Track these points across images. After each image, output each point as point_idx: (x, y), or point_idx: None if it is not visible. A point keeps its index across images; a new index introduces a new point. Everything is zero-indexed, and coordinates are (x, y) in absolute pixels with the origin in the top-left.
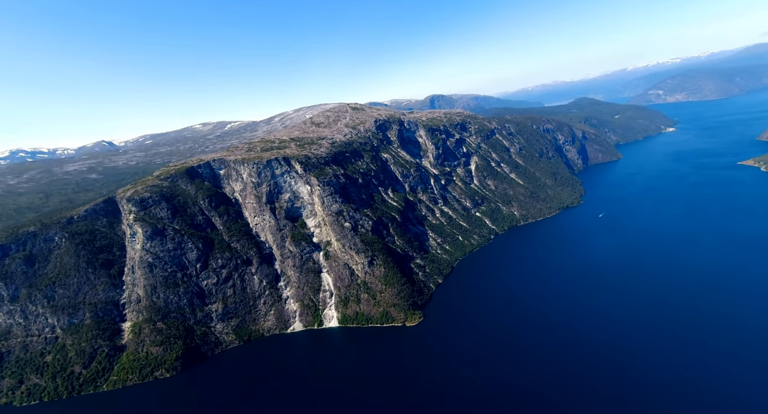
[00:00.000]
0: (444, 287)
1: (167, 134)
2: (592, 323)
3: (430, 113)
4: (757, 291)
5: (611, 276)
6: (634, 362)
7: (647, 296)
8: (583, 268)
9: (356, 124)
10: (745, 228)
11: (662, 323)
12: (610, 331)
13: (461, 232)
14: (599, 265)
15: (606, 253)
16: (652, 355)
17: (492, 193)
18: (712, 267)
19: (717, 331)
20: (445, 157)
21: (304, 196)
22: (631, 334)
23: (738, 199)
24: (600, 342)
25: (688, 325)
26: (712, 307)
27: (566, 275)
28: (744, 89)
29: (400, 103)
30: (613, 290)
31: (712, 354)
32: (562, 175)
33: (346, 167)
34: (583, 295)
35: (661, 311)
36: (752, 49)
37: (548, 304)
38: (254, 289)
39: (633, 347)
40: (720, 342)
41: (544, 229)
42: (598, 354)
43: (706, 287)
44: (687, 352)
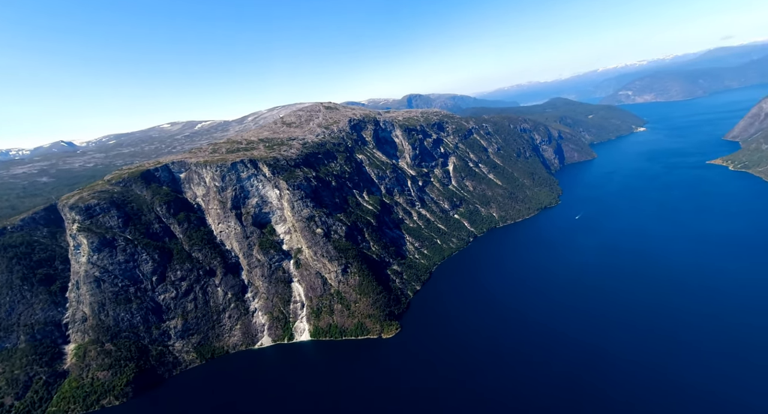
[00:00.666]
0: (422, 294)
1: (132, 134)
2: (575, 327)
3: (406, 112)
4: (731, 289)
5: (591, 277)
6: (616, 362)
7: (626, 296)
8: (563, 270)
9: (330, 123)
10: (717, 227)
11: (640, 322)
12: (592, 333)
13: (439, 235)
14: (579, 267)
15: (585, 254)
16: (632, 353)
17: (470, 195)
18: (686, 266)
19: (693, 328)
20: (423, 157)
21: (272, 201)
22: (612, 334)
23: (709, 198)
24: (583, 345)
25: (664, 323)
26: (687, 305)
27: (546, 278)
28: (707, 91)
29: (377, 102)
30: (593, 291)
31: (689, 351)
32: (540, 175)
33: (319, 169)
34: (565, 298)
35: (638, 311)
36: (713, 52)
37: (529, 309)
38: (218, 302)
39: (614, 347)
40: (696, 338)
41: (523, 230)
42: (582, 357)
43: (681, 285)
44: (664, 350)
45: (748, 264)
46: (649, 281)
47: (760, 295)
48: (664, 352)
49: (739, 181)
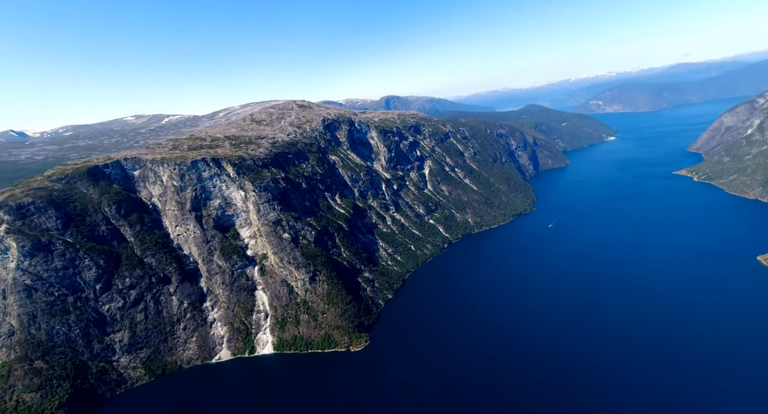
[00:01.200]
0: (394, 303)
1: (92, 126)
2: (552, 336)
3: (383, 114)
4: (699, 297)
5: (566, 286)
6: (596, 371)
7: (600, 305)
8: (539, 278)
9: (302, 122)
10: (685, 238)
11: (614, 330)
12: (569, 341)
13: (414, 241)
14: (553, 275)
15: (559, 262)
16: (612, 364)
17: (446, 199)
18: (657, 275)
19: (663, 334)
20: (398, 160)
21: (237, 203)
22: (588, 342)
23: (677, 209)
24: (561, 354)
25: (636, 329)
26: (657, 312)
27: (522, 286)
28: (671, 103)
29: (354, 102)
30: (568, 299)
31: (660, 355)
32: (515, 181)
33: (288, 170)
34: (541, 307)
35: (612, 319)
36: (675, 67)
37: (505, 318)
38: (172, 313)
39: (593, 356)
40: (667, 344)
41: (498, 237)
42: (559, 367)
43: (651, 293)
44: (636, 356)
45: (714, 273)
46: (621, 290)
47: (726, 303)
48: (637, 357)
49: (704, 192)
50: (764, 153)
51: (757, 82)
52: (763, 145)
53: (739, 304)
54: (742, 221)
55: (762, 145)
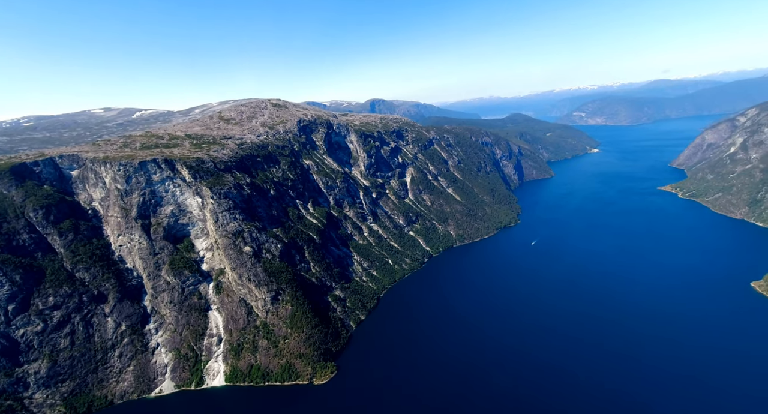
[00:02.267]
0: (366, 326)
1: (55, 117)
2: (536, 367)
3: (364, 117)
4: (688, 318)
5: (551, 312)
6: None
7: (588, 329)
8: (522, 299)
9: (275, 123)
10: (674, 261)
11: (602, 350)
12: (553, 374)
13: (392, 254)
14: (538, 298)
15: (543, 284)
16: (603, 384)
17: (428, 210)
18: (646, 303)
19: (650, 352)
20: (378, 166)
21: (192, 211)
22: (574, 364)
23: (664, 228)
24: (546, 389)
25: (624, 361)
26: (645, 345)
27: (505, 308)
28: (651, 118)
29: (340, 104)
30: (554, 329)
31: (645, 373)
32: (500, 191)
33: (256, 175)
34: (525, 334)
35: (600, 339)
36: (654, 83)
37: (487, 346)
38: (106, 337)
39: (582, 379)
40: (653, 361)
41: (481, 251)
42: (546, 400)
43: (642, 324)
44: (624, 374)
45: (707, 300)
46: (611, 319)
47: (722, 333)
48: (624, 375)
49: (690, 211)
50: (748, 172)
51: (731, 101)
52: (746, 163)
53: (736, 336)
54: (732, 243)
55: (746, 163)
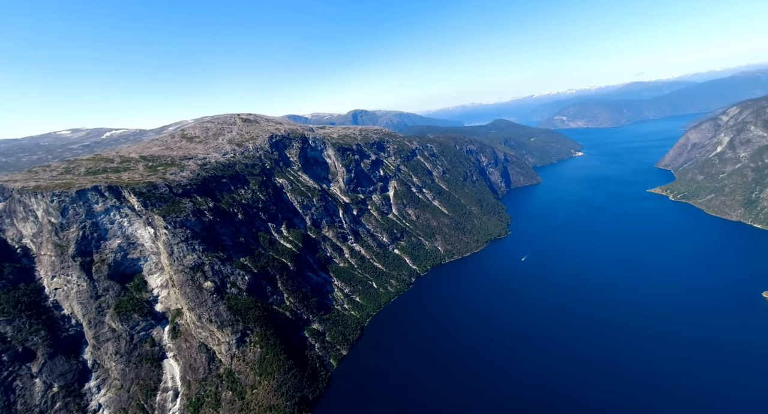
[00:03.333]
0: (349, 362)
1: (16, 141)
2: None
3: (343, 129)
4: (708, 347)
5: (553, 339)
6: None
7: (592, 362)
8: (520, 324)
9: (244, 140)
10: (678, 272)
11: (610, 384)
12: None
13: (376, 276)
14: (539, 323)
15: (542, 304)
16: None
17: (413, 225)
18: (653, 319)
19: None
20: (359, 181)
21: (144, 243)
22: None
23: (663, 235)
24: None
25: (633, 383)
26: (657, 368)
27: (501, 335)
28: (630, 120)
29: (321, 116)
30: (556, 358)
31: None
32: (488, 201)
33: (221, 198)
34: (524, 363)
35: (606, 372)
36: (630, 86)
37: (485, 376)
38: (32, 403)
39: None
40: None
41: (471, 268)
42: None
43: (650, 344)
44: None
45: (720, 314)
46: (615, 334)
47: (740, 352)
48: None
49: (686, 215)
50: (739, 171)
51: (704, 101)
52: (736, 163)
53: (757, 355)
54: (735, 249)
55: (735, 163)
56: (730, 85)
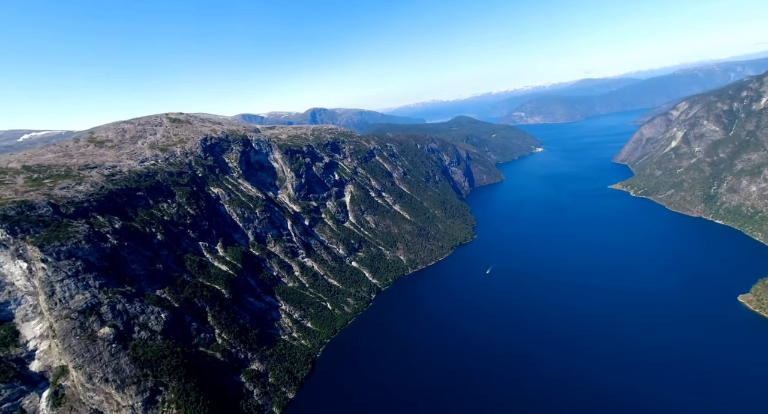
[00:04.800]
0: (297, 408)
1: None
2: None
3: (294, 129)
4: (687, 357)
5: (525, 366)
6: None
7: (567, 374)
8: (496, 346)
9: (171, 143)
10: (650, 276)
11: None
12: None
13: (331, 295)
14: (515, 345)
15: (518, 320)
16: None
17: (372, 233)
18: (630, 331)
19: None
20: (310, 187)
21: (14, 282)
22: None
23: (629, 235)
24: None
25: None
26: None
27: (474, 356)
28: (583, 115)
29: (278, 115)
30: (531, 390)
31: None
32: (452, 203)
33: (133, 216)
34: (499, 392)
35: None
36: (581, 83)
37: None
38: None
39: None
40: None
41: (437, 279)
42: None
43: (629, 359)
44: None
45: (697, 321)
46: (593, 351)
47: (720, 360)
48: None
49: (650, 213)
50: (695, 166)
51: (649, 96)
52: (691, 157)
53: (737, 364)
54: (704, 249)
55: (691, 157)
56: (670, 81)
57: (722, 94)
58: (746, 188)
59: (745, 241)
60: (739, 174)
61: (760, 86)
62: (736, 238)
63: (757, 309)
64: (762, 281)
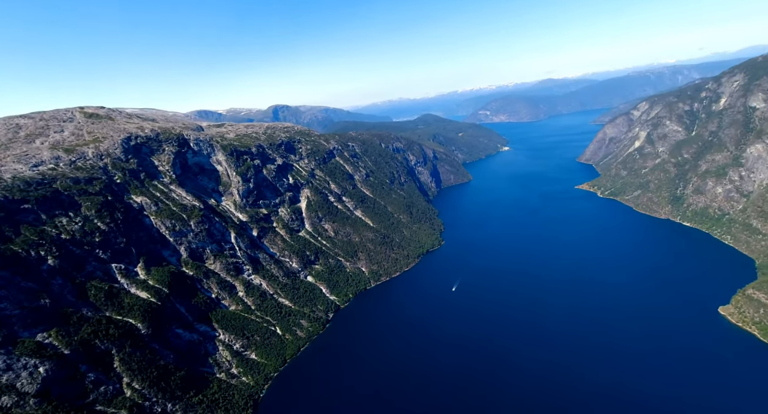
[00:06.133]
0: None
1: None
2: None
3: (246, 127)
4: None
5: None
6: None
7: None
8: (455, 370)
9: (80, 143)
10: (626, 287)
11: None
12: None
13: (281, 318)
14: (490, 372)
15: (486, 345)
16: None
17: (331, 243)
18: (610, 351)
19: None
20: (261, 193)
21: None
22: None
23: (602, 240)
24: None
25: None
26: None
27: (437, 384)
28: (546, 114)
29: (238, 112)
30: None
31: None
32: (419, 206)
33: (13, 236)
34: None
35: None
36: (543, 82)
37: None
38: None
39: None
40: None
41: (401, 291)
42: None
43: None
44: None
45: (679, 338)
46: (562, 385)
47: (708, 380)
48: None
49: (617, 214)
50: (660, 166)
51: (607, 97)
52: (656, 157)
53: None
54: (677, 256)
55: (655, 157)
56: (625, 83)
57: (681, 95)
58: (712, 190)
59: (715, 244)
60: (704, 175)
61: (718, 87)
62: (706, 242)
63: (740, 323)
64: (741, 292)
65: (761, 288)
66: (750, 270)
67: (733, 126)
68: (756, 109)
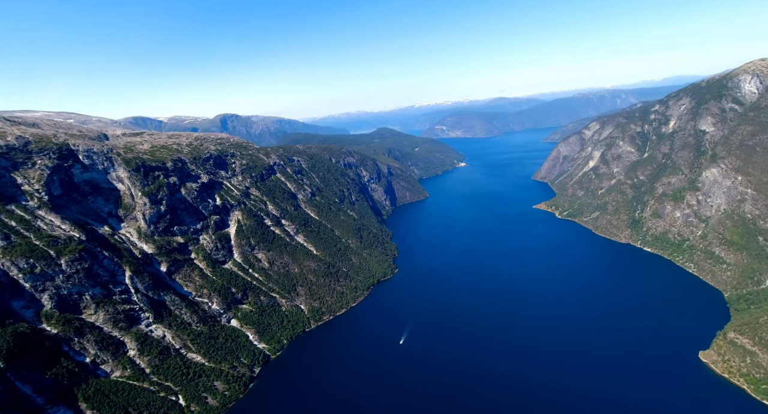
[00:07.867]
0: None
1: None
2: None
3: (169, 137)
4: None
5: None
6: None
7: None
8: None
9: None
10: (603, 332)
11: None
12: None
13: (187, 381)
14: None
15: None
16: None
17: (265, 276)
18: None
19: None
20: (176, 217)
21: None
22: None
23: (568, 270)
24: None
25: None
26: None
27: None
28: (500, 131)
29: (182, 120)
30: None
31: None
32: (371, 228)
33: None
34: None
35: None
36: (496, 100)
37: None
38: None
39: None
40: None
41: (348, 333)
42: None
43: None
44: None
45: (664, 395)
46: None
47: None
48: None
49: (580, 241)
50: (616, 188)
51: (556, 116)
52: (612, 178)
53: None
54: (647, 291)
55: (611, 178)
56: (571, 103)
57: (630, 116)
58: (671, 214)
59: (679, 274)
60: (661, 198)
61: (666, 110)
62: (669, 269)
63: (725, 373)
64: (722, 334)
65: (743, 332)
66: (721, 304)
67: (685, 149)
68: (706, 132)
